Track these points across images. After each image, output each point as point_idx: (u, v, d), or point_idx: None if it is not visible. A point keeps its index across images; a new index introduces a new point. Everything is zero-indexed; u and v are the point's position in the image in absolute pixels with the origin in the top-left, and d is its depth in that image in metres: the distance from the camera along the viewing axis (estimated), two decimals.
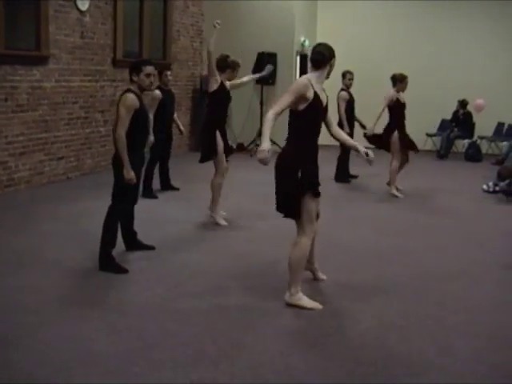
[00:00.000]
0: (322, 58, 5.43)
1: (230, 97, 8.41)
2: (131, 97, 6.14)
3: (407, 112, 10.66)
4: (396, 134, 10.42)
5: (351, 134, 11.23)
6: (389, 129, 10.48)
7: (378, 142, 10.64)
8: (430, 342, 4.74)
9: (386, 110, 10.44)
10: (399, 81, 10.50)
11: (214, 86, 8.09)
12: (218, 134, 8.11)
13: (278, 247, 7.08)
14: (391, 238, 7.80)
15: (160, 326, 4.91)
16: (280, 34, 15.27)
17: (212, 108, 8.22)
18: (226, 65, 8.24)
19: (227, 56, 8.32)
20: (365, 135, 10.60)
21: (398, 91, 10.51)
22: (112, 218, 6.29)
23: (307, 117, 5.26)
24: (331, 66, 5.52)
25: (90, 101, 11.48)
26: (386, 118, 10.51)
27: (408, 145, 10.55)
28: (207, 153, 8.20)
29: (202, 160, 8.28)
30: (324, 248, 7.20)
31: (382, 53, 16.56)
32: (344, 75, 11.47)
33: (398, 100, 10.51)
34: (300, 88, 5.18)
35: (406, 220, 8.81)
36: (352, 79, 11.47)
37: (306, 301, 5.38)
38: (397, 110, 10.47)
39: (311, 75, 5.38)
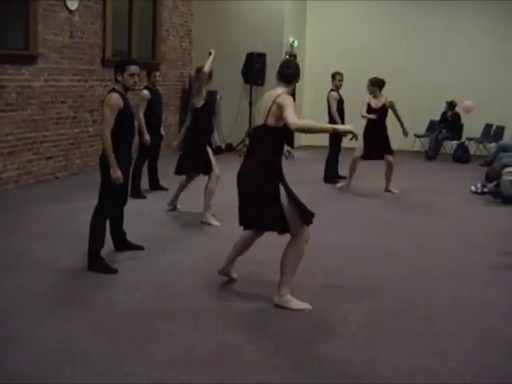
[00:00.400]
0: (293, 73, 5.47)
1: (214, 109, 8.60)
2: (115, 96, 6.12)
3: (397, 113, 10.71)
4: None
5: (342, 135, 11.26)
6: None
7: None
8: (420, 342, 4.76)
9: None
10: None
11: (200, 102, 8.23)
12: (208, 149, 8.22)
13: (269, 248, 7.08)
14: (381, 238, 7.82)
15: (149, 326, 4.90)
16: (269, 34, 15.27)
17: (199, 123, 8.32)
18: (208, 76, 8.34)
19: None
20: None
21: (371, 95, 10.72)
22: (98, 217, 6.27)
23: (285, 133, 5.28)
24: (296, 83, 5.57)
25: (79, 100, 11.44)
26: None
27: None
28: (197, 168, 8.33)
29: (185, 172, 8.46)
30: (313, 249, 7.20)
31: (370, 53, 16.58)
32: (334, 76, 11.51)
33: (368, 104, 10.69)
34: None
35: (396, 221, 8.83)
36: (342, 80, 11.51)
37: (294, 302, 5.38)
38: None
39: (284, 90, 5.35)
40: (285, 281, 5.36)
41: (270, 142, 5.27)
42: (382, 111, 10.63)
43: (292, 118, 5.04)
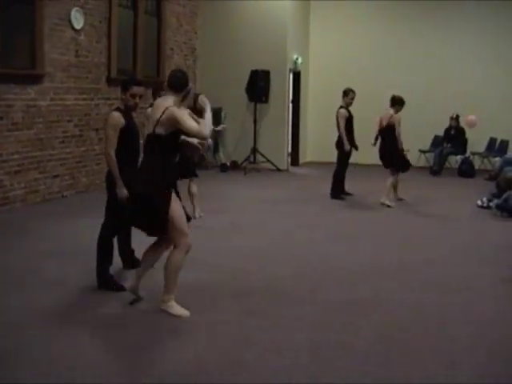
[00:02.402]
0: (179, 82, 5.53)
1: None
2: (115, 115, 6.13)
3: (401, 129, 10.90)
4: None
5: (350, 151, 11.37)
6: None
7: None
8: (432, 355, 4.74)
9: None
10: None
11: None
12: None
13: (276, 263, 7.11)
14: (390, 252, 7.81)
15: (160, 342, 4.90)
16: (273, 51, 15.32)
17: None
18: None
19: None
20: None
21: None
22: (106, 235, 6.25)
23: (171, 141, 5.45)
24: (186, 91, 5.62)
25: (85, 119, 11.49)
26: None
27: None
28: None
29: None
30: (324, 264, 7.23)
31: (373, 69, 16.62)
32: (347, 93, 11.43)
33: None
34: None
35: (404, 235, 8.82)
36: (353, 98, 11.46)
37: (176, 309, 5.49)
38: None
39: (174, 100, 5.45)
40: (170, 286, 5.54)
41: (158, 149, 5.38)
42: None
43: (196, 127, 5.28)
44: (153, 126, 5.34)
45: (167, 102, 5.36)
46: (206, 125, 5.41)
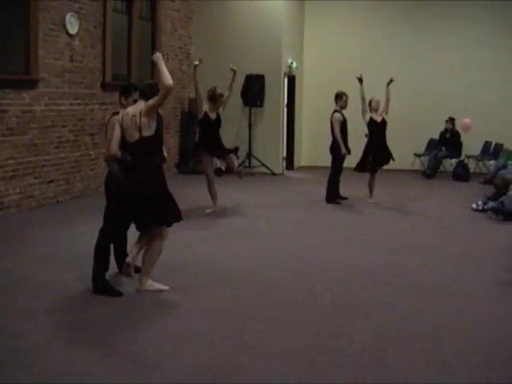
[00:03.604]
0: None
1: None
2: (115, 118, 6.16)
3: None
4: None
5: (344, 155, 11.39)
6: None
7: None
8: (427, 359, 4.73)
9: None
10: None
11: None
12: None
13: (272, 267, 7.11)
14: (385, 257, 7.81)
15: (157, 347, 4.88)
16: (268, 56, 15.35)
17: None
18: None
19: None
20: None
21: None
22: (103, 240, 6.25)
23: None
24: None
25: (80, 124, 11.47)
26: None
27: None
28: None
29: None
30: (318, 268, 7.23)
31: (367, 73, 16.54)
32: (340, 97, 11.43)
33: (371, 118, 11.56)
34: None
35: (398, 240, 8.82)
36: (347, 101, 11.48)
37: (157, 285, 6.25)
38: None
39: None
40: (150, 271, 6.23)
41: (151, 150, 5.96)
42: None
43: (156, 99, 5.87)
44: (137, 131, 5.83)
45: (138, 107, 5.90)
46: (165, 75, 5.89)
